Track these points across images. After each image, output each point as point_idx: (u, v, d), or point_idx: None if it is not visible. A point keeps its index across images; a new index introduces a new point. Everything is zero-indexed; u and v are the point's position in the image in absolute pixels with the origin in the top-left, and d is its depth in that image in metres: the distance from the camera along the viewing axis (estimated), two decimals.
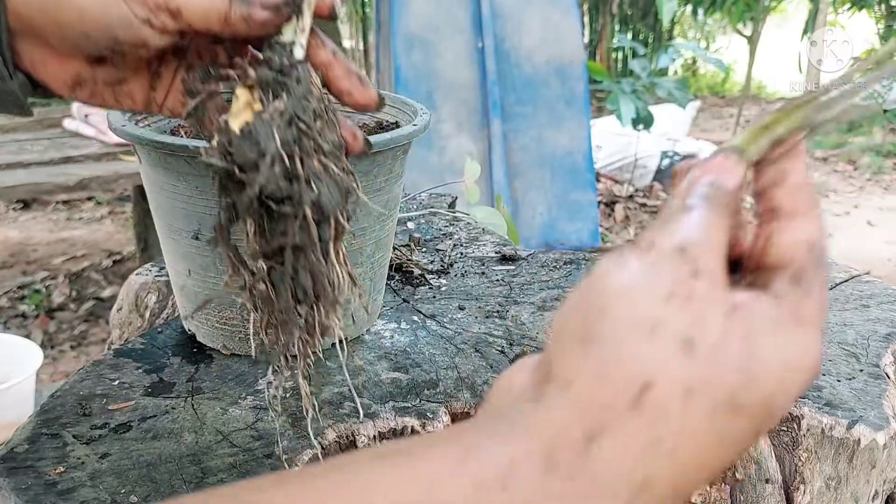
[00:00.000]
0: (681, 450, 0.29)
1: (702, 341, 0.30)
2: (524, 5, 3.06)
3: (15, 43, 0.47)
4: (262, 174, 0.42)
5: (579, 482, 0.29)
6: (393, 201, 0.73)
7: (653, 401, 0.29)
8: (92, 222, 3.68)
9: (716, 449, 0.30)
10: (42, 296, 2.88)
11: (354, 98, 0.50)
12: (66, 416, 0.62)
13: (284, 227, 0.44)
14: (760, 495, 0.63)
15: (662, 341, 0.30)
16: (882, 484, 0.67)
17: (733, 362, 0.30)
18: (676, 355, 0.29)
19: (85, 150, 2.50)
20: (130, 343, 0.73)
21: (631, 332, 0.30)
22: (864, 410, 0.64)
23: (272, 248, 0.45)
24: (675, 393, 0.29)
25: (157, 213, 0.69)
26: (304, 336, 0.48)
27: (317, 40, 0.49)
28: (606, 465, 0.29)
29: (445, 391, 0.66)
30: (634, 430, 0.29)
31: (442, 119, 2.94)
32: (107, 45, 0.46)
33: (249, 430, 0.61)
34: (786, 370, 0.31)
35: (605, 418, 0.29)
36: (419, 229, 1.04)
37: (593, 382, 0.30)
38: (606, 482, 0.29)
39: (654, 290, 0.31)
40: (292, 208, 0.44)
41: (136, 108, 0.52)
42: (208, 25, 0.46)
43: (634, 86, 3.56)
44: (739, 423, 0.30)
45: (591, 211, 3.10)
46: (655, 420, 0.29)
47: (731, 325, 0.31)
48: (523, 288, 0.87)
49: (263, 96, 0.44)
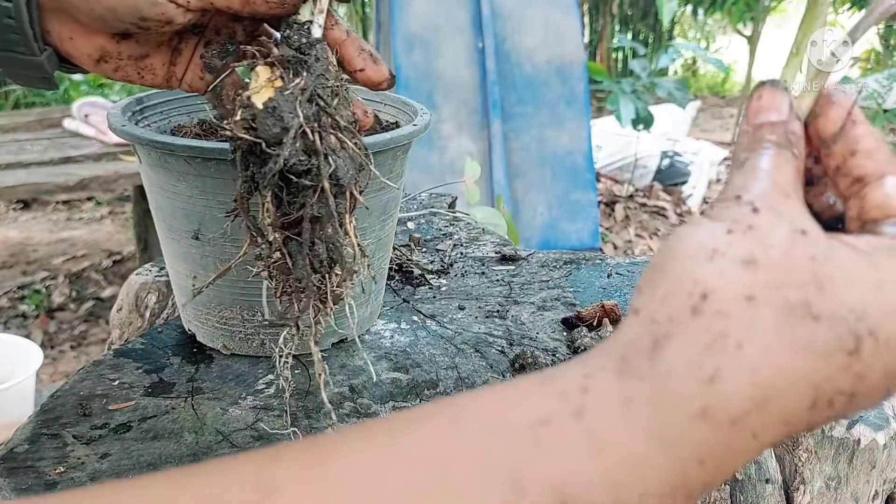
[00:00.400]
0: (748, 345, 0.30)
1: (765, 258, 0.31)
2: (524, 5, 3.06)
3: (44, 18, 0.49)
4: (286, 148, 0.45)
5: (650, 381, 0.30)
6: (393, 201, 0.73)
7: (712, 305, 0.30)
8: (92, 222, 3.68)
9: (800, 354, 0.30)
10: (42, 296, 2.88)
11: (368, 75, 0.52)
12: (66, 416, 0.62)
13: (303, 199, 0.47)
14: (760, 495, 0.63)
15: (722, 261, 0.31)
16: (882, 484, 0.67)
17: (803, 274, 0.30)
18: (736, 270, 0.31)
19: (85, 150, 2.50)
20: (130, 343, 0.73)
21: (692, 260, 0.31)
22: (864, 410, 0.64)
23: (291, 219, 0.47)
24: (736, 298, 0.30)
25: (157, 213, 0.69)
26: (316, 303, 0.50)
27: (331, 20, 0.50)
28: (674, 363, 0.30)
29: (445, 391, 0.66)
30: (697, 331, 0.30)
31: (442, 119, 2.94)
32: (133, 21, 0.48)
33: (249, 431, 0.61)
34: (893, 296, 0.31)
35: (670, 327, 0.31)
36: (419, 229, 1.04)
37: (658, 304, 0.32)
38: (675, 377, 0.30)
39: (714, 227, 0.32)
40: (312, 181, 0.46)
41: (156, 82, 0.54)
42: (230, 4, 0.48)
43: (634, 86, 3.55)
44: (824, 333, 0.30)
45: (592, 211, 3.10)
46: (716, 320, 0.30)
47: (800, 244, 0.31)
48: (523, 288, 0.87)
49: (284, 74, 0.46)
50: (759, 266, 0.31)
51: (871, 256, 0.32)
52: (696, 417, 0.29)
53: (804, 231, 0.32)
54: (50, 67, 0.51)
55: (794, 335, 0.30)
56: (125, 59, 0.52)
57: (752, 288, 0.30)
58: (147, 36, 0.51)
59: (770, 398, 0.30)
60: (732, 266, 0.31)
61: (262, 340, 0.71)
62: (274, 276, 0.51)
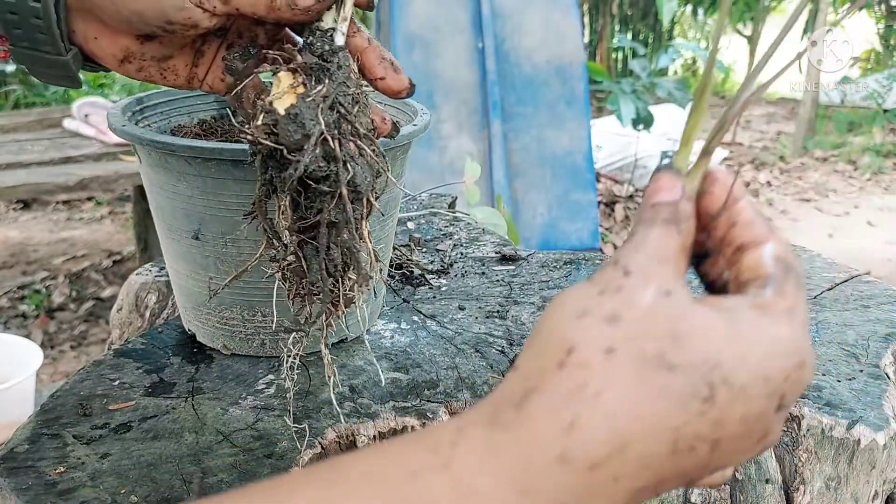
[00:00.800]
0: (606, 393, 0.32)
1: (627, 315, 0.33)
2: (524, 5, 3.06)
3: (70, 18, 0.50)
4: (307, 155, 0.45)
5: (514, 431, 0.32)
6: (393, 201, 0.73)
7: (575, 358, 0.32)
8: (92, 222, 3.68)
9: (657, 401, 0.32)
10: (42, 296, 2.88)
11: (388, 84, 0.53)
12: (67, 416, 0.62)
13: (321, 205, 0.47)
14: (760, 495, 0.63)
15: (589, 318, 0.33)
16: (882, 484, 0.67)
17: (662, 329, 0.33)
18: (600, 326, 0.33)
19: (85, 150, 2.50)
20: (130, 343, 0.73)
21: (564, 319, 0.34)
22: (864, 411, 0.64)
23: (307, 223, 0.48)
24: (597, 351, 0.32)
25: (157, 213, 0.69)
26: (328, 307, 0.51)
27: (353, 27, 0.51)
28: (536, 412, 0.32)
29: (445, 391, 0.66)
30: (560, 382, 0.32)
31: (442, 119, 2.94)
32: (158, 24, 0.49)
33: (249, 430, 0.61)
34: (751, 351, 0.33)
35: (537, 380, 0.33)
36: (419, 229, 1.04)
37: (531, 360, 0.34)
38: (537, 426, 0.32)
39: (588, 289, 0.35)
40: (330, 187, 0.47)
41: (178, 83, 0.55)
42: (255, 10, 0.49)
43: (634, 86, 3.56)
44: (679, 381, 0.32)
45: (592, 211, 3.10)
46: (577, 372, 0.32)
47: (663, 302, 0.33)
48: (523, 288, 0.87)
49: (307, 80, 0.47)
50: (621, 322, 0.33)
51: (731, 312, 0.34)
52: (555, 463, 0.31)
53: (669, 292, 0.34)
54: (75, 66, 0.52)
55: (651, 384, 0.32)
56: (148, 59, 0.53)
57: (612, 341, 0.32)
58: (172, 38, 0.52)
59: (628, 443, 0.31)
60: (597, 323, 0.33)
61: (262, 340, 0.71)
62: (288, 279, 0.52)
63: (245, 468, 0.57)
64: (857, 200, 4.22)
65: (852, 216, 3.99)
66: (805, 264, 0.94)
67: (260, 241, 0.65)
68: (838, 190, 4.42)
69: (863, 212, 4.05)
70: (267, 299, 0.68)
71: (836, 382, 0.68)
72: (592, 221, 3.09)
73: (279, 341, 0.71)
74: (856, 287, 0.87)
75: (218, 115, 0.80)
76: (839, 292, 0.86)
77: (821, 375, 0.70)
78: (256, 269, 0.67)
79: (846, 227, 3.83)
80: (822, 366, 0.71)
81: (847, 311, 0.82)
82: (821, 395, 0.66)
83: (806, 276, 0.90)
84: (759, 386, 0.33)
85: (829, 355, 0.73)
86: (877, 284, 0.88)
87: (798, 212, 4.10)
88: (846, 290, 0.87)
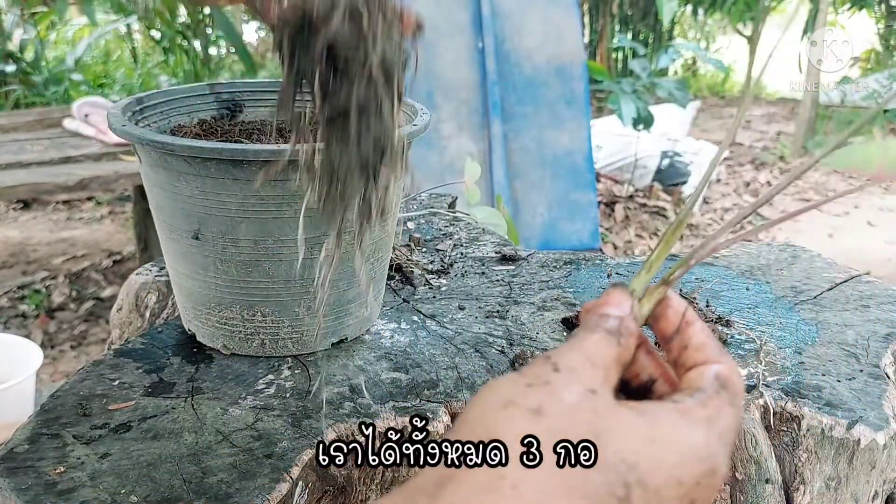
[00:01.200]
0: (523, 487, 0.31)
1: (551, 408, 0.33)
2: (524, 5, 3.06)
3: None
4: (335, 23, 0.45)
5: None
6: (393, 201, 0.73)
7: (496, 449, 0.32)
8: (92, 222, 3.68)
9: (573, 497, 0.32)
10: (42, 296, 2.88)
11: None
12: (66, 416, 0.62)
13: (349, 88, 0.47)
14: (760, 495, 0.63)
15: (514, 409, 0.33)
16: (882, 484, 0.67)
17: (583, 425, 0.33)
18: (524, 417, 0.33)
19: (85, 150, 2.50)
20: (130, 343, 0.73)
21: (489, 409, 0.34)
22: (864, 411, 0.64)
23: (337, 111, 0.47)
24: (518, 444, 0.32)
25: (157, 213, 0.69)
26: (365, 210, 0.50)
27: None
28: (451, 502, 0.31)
29: (445, 391, 0.66)
30: (478, 473, 0.32)
31: (442, 119, 2.94)
32: None
33: (249, 430, 0.61)
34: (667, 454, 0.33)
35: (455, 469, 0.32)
36: (419, 229, 1.04)
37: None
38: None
39: (517, 380, 0.35)
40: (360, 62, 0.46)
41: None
42: None
43: (634, 86, 3.55)
44: (596, 479, 0.32)
45: (592, 211, 3.09)
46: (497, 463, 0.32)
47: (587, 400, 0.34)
48: (523, 288, 0.87)
49: None
50: (544, 415, 0.33)
51: (652, 415, 0.35)
52: None
53: (594, 391, 0.34)
54: None
55: (569, 479, 0.32)
56: None
57: (534, 433, 0.32)
58: None
59: None
60: (522, 414, 0.33)
61: (261, 340, 0.71)
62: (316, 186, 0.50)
63: (245, 468, 0.57)
64: (857, 200, 4.22)
65: (852, 216, 3.99)
66: (805, 264, 0.94)
67: (260, 241, 0.65)
68: (838, 190, 4.41)
69: (863, 212, 4.05)
70: (267, 299, 0.68)
71: (836, 382, 0.68)
72: (592, 221, 3.09)
73: (279, 341, 0.71)
74: (856, 287, 0.87)
75: (218, 115, 0.80)
76: (839, 292, 0.86)
77: (821, 375, 0.70)
78: (257, 268, 0.67)
79: (846, 227, 3.83)
80: (823, 366, 0.71)
81: (847, 311, 0.82)
82: (821, 395, 0.66)
83: (806, 276, 0.90)
84: (673, 489, 0.33)
85: (829, 355, 0.73)
86: (877, 284, 0.88)
87: None
88: (846, 290, 0.87)
